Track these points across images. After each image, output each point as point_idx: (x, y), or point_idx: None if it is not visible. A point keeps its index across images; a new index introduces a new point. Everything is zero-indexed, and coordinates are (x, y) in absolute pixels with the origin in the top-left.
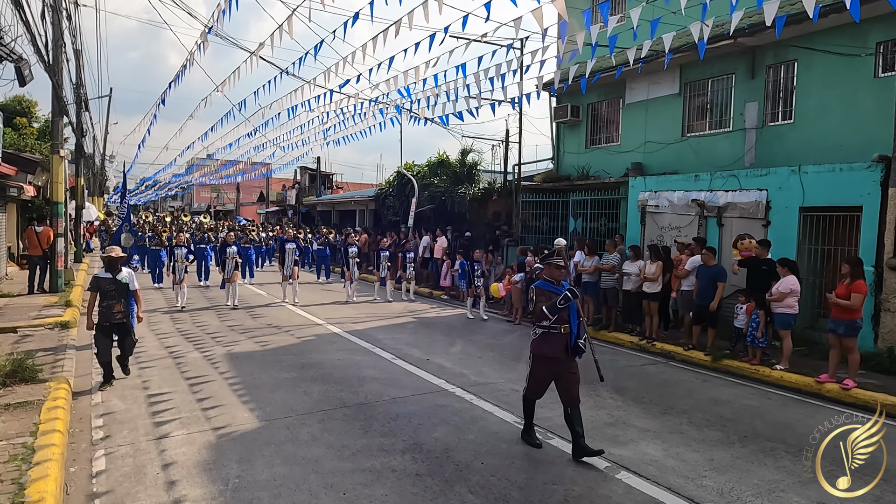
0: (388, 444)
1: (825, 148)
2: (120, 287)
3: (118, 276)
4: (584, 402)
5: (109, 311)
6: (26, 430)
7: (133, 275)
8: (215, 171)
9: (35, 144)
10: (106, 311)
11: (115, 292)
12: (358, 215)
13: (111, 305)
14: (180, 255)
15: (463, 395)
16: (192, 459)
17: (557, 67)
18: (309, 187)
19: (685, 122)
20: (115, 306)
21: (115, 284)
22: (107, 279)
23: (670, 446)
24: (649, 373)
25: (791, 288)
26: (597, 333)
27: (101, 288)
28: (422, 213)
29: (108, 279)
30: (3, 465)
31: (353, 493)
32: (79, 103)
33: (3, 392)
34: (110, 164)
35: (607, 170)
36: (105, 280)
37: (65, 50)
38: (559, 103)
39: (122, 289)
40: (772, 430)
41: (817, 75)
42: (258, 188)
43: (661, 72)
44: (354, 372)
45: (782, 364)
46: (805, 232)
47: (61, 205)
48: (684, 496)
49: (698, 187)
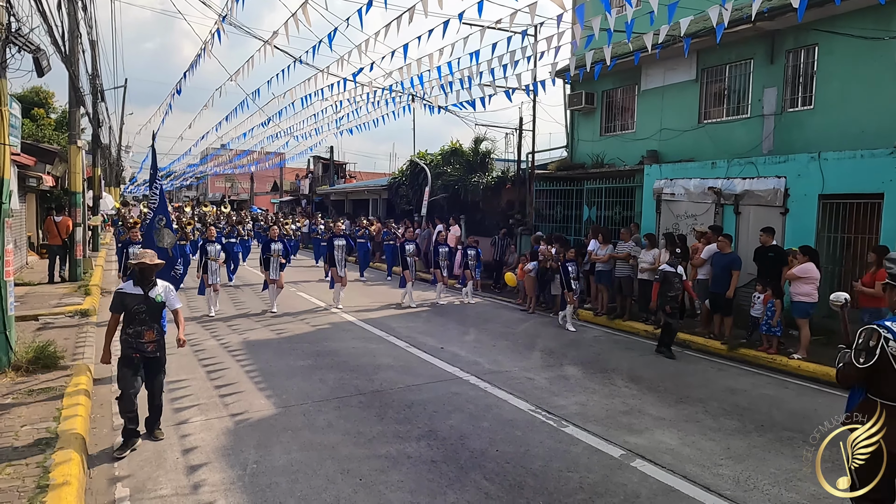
0: (403, 431)
1: (846, 134)
2: (153, 308)
3: (151, 291)
4: (599, 391)
5: (138, 340)
6: (49, 416)
7: (172, 290)
8: (229, 160)
9: (53, 135)
10: (133, 341)
11: (147, 314)
12: (371, 204)
13: (140, 332)
14: (214, 253)
15: (477, 383)
16: (211, 445)
17: (572, 54)
18: (322, 177)
19: (702, 109)
20: (145, 333)
21: (147, 304)
22: (136, 296)
23: (686, 435)
24: (664, 362)
25: (808, 273)
26: (611, 322)
27: (128, 308)
28: (435, 201)
29: (137, 296)
30: (27, 448)
31: (370, 479)
32: (95, 94)
33: (27, 378)
34: (126, 155)
35: (622, 158)
36: (133, 297)
37: (80, 41)
38: (573, 90)
39: (155, 310)
40: (789, 419)
41: (839, 60)
42: (272, 178)
43: (677, 57)
44: (369, 360)
45: (800, 353)
46: (824, 220)
47: (79, 195)
48: (700, 484)
49: (715, 175)
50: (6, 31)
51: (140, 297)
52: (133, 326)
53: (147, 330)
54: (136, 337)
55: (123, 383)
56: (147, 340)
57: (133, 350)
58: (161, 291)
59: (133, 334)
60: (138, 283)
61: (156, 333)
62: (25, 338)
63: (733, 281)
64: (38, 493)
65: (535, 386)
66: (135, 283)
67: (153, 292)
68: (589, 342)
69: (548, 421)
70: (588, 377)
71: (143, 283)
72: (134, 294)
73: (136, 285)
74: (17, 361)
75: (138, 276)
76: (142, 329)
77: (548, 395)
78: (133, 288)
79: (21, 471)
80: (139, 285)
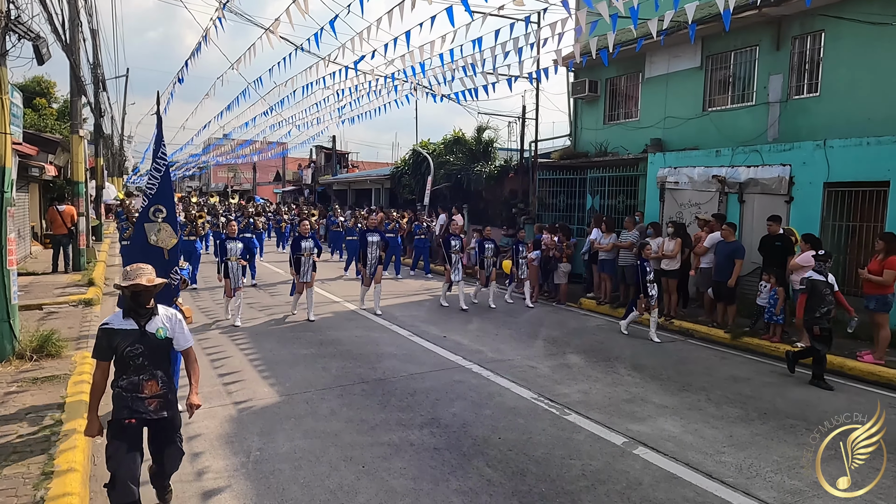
0: (406, 419)
1: (852, 121)
2: (154, 347)
3: (150, 324)
4: (601, 379)
5: (134, 396)
6: (54, 403)
7: (180, 321)
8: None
9: (55, 125)
10: (128, 397)
11: (146, 358)
12: (374, 194)
13: (138, 384)
14: (235, 252)
15: (480, 371)
16: (215, 432)
17: (576, 41)
18: (325, 166)
19: (706, 96)
20: (144, 385)
21: (145, 343)
22: (128, 333)
23: (689, 423)
24: (667, 350)
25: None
26: (614, 311)
27: (119, 351)
28: (437, 191)
29: (130, 333)
30: (32, 436)
31: (373, 466)
32: (96, 83)
33: (31, 366)
34: (129, 145)
35: (626, 146)
36: (125, 335)
37: (81, 29)
38: (577, 78)
39: (157, 350)
40: (792, 407)
41: (845, 46)
42: (274, 168)
43: (682, 45)
44: (372, 348)
45: (803, 341)
46: (829, 208)
47: (82, 184)
48: (703, 472)
49: (719, 163)
50: (6, 18)
51: (134, 333)
52: (127, 376)
53: (147, 380)
54: (133, 391)
55: (114, 464)
56: (148, 395)
57: (128, 411)
58: (164, 323)
59: (127, 388)
60: (131, 313)
61: (161, 384)
62: (29, 327)
63: (736, 269)
64: (43, 479)
65: (538, 374)
66: (126, 315)
67: (152, 325)
68: (591, 331)
69: (550, 409)
70: (591, 365)
71: (137, 314)
72: (126, 330)
73: (127, 317)
74: (21, 350)
75: (130, 303)
76: (140, 379)
77: (550, 383)
78: (123, 321)
79: (26, 458)
80: (132, 317)
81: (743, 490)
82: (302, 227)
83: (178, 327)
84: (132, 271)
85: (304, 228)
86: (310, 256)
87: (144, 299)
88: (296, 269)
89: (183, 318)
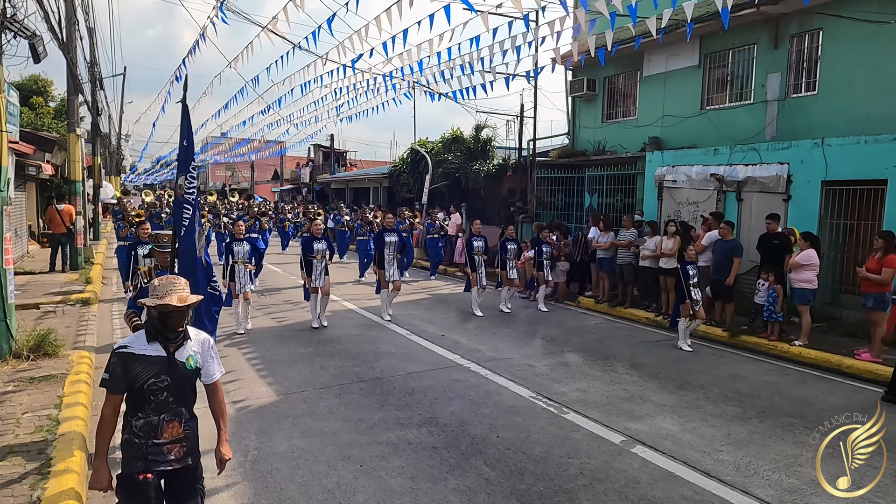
0: (404, 418)
1: (850, 120)
2: (182, 379)
3: (180, 351)
4: (599, 378)
5: (152, 442)
6: (51, 403)
7: (212, 346)
8: (229, 149)
9: (52, 123)
10: (143, 444)
11: (172, 393)
12: (372, 193)
13: (157, 425)
14: (242, 255)
15: (478, 370)
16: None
17: (574, 39)
18: (323, 165)
19: (704, 95)
20: (165, 427)
21: (172, 373)
22: (153, 361)
23: (687, 421)
24: (665, 349)
25: (810, 260)
26: (612, 309)
27: (136, 383)
28: (436, 189)
29: (155, 361)
30: (29, 436)
31: (371, 465)
32: (93, 82)
33: (28, 366)
34: (126, 144)
35: (624, 144)
36: (148, 364)
37: (78, 27)
38: (575, 77)
39: (185, 383)
40: (790, 405)
41: (844, 44)
42: (272, 166)
43: (680, 43)
44: (370, 347)
45: (801, 340)
46: (827, 206)
47: (79, 183)
48: (700, 470)
49: (717, 161)
50: (1, 16)
51: (160, 362)
52: (144, 415)
53: (170, 420)
54: (150, 435)
55: None
56: (169, 440)
57: (143, 463)
58: (196, 349)
59: (143, 430)
60: (158, 337)
61: (184, 425)
62: (26, 326)
63: (734, 268)
64: (40, 479)
65: (536, 373)
66: (150, 338)
67: (182, 353)
68: (590, 329)
69: (548, 408)
70: (589, 364)
71: (165, 338)
72: (150, 357)
73: (152, 341)
74: (18, 349)
75: (158, 325)
76: (160, 419)
77: (548, 381)
78: (148, 346)
79: (23, 458)
80: (159, 341)
81: (741, 488)
82: (314, 228)
83: (209, 355)
84: (161, 287)
85: (316, 229)
86: (322, 259)
87: (175, 322)
88: (307, 272)
89: (213, 342)
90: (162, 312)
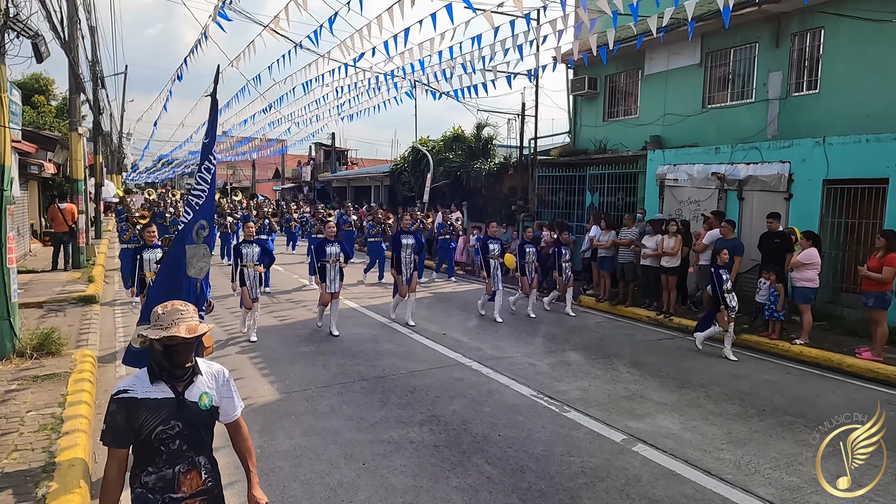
0: (405, 416)
1: (851, 118)
2: (196, 423)
3: (190, 389)
4: (600, 376)
5: (168, 498)
6: (54, 401)
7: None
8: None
9: (54, 122)
10: (157, 499)
11: (185, 439)
12: (373, 191)
13: (172, 479)
14: (252, 258)
15: (479, 368)
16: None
17: (576, 38)
18: (324, 163)
19: (706, 94)
20: (181, 479)
21: (184, 417)
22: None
23: (687, 419)
24: (666, 347)
25: (811, 259)
26: (613, 308)
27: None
28: (437, 188)
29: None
30: (33, 434)
31: (373, 464)
32: (95, 80)
33: (31, 364)
34: (128, 142)
35: (625, 143)
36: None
37: (80, 26)
38: (576, 75)
39: (201, 427)
40: (791, 404)
41: (845, 43)
42: (273, 165)
43: (681, 41)
44: (372, 346)
45: (802, 339)
46: (828, 205)
47: (81, 182)
48: (701, 468)
49: (719, 160)
50: (4, 15)
51: (169, 405)
52: (156, 469)
53: (187, 471)
54: (165, 490)
55: None
56: (188, 494)
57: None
58: (210, 385)
59: (156, 486)
60: (163, 375)
61: (204, 474)
62: (29, 324)
63: (735, 266)
64: (44, 477)
65: (537, 371)
66: (154, 378)
67: (193, 391)
68: (591, 328)
69: (550, 406)
70: (590, 363)
71: (173, 376)
72: (155, 401)
73: (156, 381)
74: (21, 348)
75: (163, 361)
76: (176, 472)
77: (550, 380)
78: (151, 387)
79: (27, 456)
80: (164, 380)
81: (742, 487)
82: (328, 231)
83: (226, 389)
84: (166, 315)
85: (329, 231)
86: (336, 263)
87: (183, 357)
88: (321, 277)
89: (229, 374)
90: (168, 346)
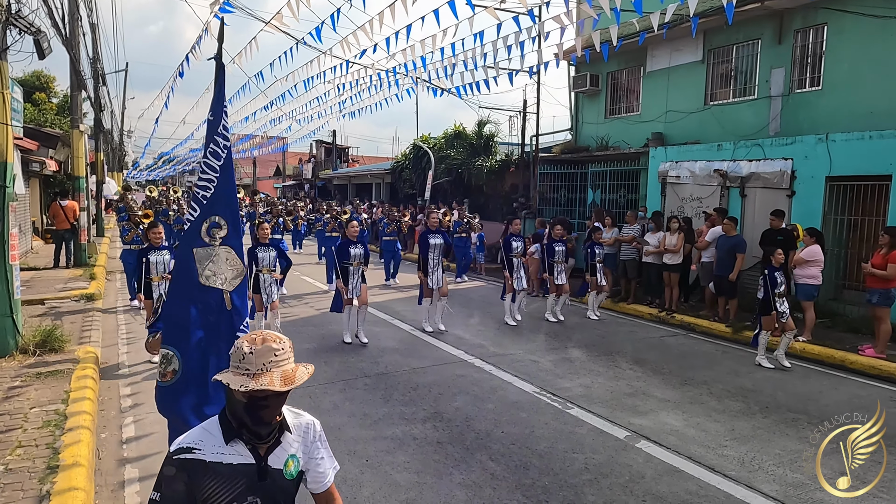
0: (408, 413)
1: (854, 115)
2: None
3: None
4: (603, 373)
5: None
6: (58, 398)
7: (319, 433)
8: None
9: (55, 120)
10: None
11: None
12: (374, 188)
13: None
14: (268, 262)
15: (482, 365)
16: None
17: (578, 34)
18: (325, 161)
19: (708, 90)
20: None
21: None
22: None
23: (690, 416)
24: (669, 344)
25: (815, 256)
26: (615, 305)
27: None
28: (438, 185)
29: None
30: (37, 430)
31: (376, 460)
32: (96, 78)
33: (34, 361)
34: (129, 140)
35: (627, 140)
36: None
37: (81, 24)
38: (578, 72)
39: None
40: (794, 400)
41: (848, 39)
42: (274, 162)
43: (683, 38)
44: (374, 343)
45: (805, 336)
46: (831, 202)
47: (82, 179)
48: (705, 465)
49: (721, 157)
50: (6, 12)
51: (248, 473)
52: None
53: None
54: None
55: None
56: None
57: None
58: (297, 445)
59: None
60: (241, 432)
61: None
62: (32, 322)
63: (737, 264)
64: (49, 473)
65: (540, 368)
66: (230, 435)
67: (279, 456)
68: (593, 325)
69: (553, 403)
70: (592, 360)
71: (255, 436)
72: (231, 467)
73: (232, 440)
74: (24, 345)
75: (245, 418)
76: None
77: (552, 377)
78: (224, 448)
79: (31, 452)
80: (244, 440)
81: (745, 483)
82: (350, 231)
83: (315, 448)
84: (255, 356)
85: (352, 231)
86: (359, 266)
87: (271, 412)
88: (343, 280)
89: (320, 427)
90: (253, 397)
